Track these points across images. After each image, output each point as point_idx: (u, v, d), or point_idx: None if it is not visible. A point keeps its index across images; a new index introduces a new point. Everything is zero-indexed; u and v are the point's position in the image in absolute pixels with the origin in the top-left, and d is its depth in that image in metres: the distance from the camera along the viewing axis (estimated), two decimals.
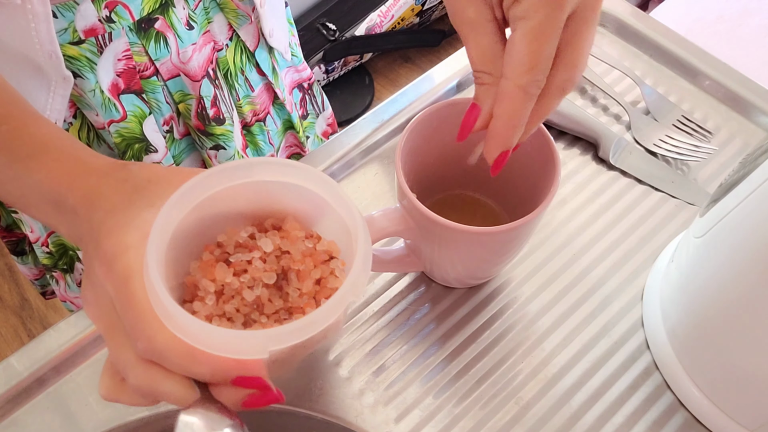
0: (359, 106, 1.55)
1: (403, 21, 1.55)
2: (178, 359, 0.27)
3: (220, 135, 0.55)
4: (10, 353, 0.49)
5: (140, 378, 0.27)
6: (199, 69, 0.52)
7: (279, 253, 0.31)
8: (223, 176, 0.30)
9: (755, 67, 1.00)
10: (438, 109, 0.40)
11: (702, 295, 0.37)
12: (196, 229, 0.30)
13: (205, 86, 0.52)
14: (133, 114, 0.51)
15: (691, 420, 0.40)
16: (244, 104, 0.57)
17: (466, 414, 0.40)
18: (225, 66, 0.55)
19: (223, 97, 0.55)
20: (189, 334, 0.26)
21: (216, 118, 0.54)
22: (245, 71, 0.56)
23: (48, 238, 0.57)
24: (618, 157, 0.50)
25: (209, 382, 0.28)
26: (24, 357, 0.42)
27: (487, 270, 0.44)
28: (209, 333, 0.26)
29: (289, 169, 0.30)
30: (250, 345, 0.26)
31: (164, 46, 0.49)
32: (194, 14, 0.50)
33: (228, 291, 0.29)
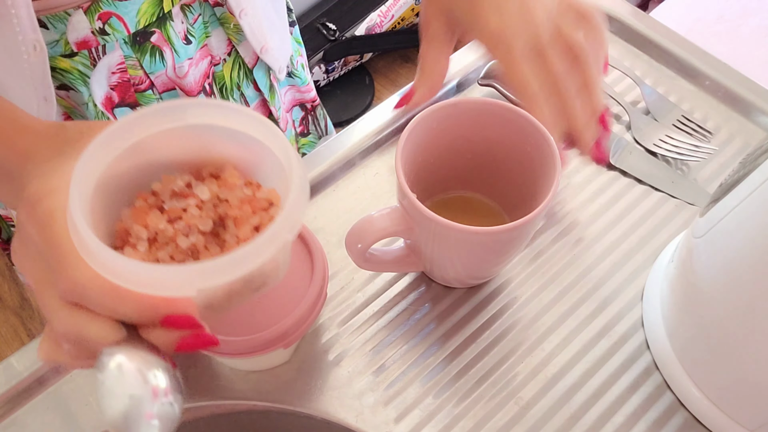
0: (359, 106, 1.55)
1: (403, 21, 1.55)
2: (101, 298, 0.26)
3: None
4: (10, 353, 0.49)
5: (64, 322, 0.26)
6: (196, 84, 0.51)
7: (216, 201, 0.29)
8: (154, 118, 0.28)
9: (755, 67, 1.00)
10: (438, 109, 0.41)
11: (702, 295, 0.37)
12: (130, 178, 0.29)
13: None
14: None
15: (691, 420, 0.40)
16: None
17: (466, 414, 0.40)
18: (221, 80, 0.54)
19: None
20: (111, 271, 0.25)
21: None
22: (241, 87, 0.56)
23: None
24: (618, 157, 0.50)
25: (137, 323, 0.27)
26: (24, 357, 0.42)
27: (487, 270, 0.44)
28: (133, 269, 0.25)
29: (223, 111, 0.29)
30: (177, 281, 0.25)
31: (160, 60, 0.48)
32: (192, 28, 0.50)
33: (161, 238, 0.28)
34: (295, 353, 0.42)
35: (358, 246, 0.39)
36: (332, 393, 0.41)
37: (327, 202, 0.49)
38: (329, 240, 0.47)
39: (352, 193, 0.49)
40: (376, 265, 0.42)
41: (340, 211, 0.48)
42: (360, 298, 0.44)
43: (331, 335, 0.43)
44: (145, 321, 0.27)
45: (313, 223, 0.48)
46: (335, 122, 1.50)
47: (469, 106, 0.41)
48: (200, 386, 0.41)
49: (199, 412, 0.41)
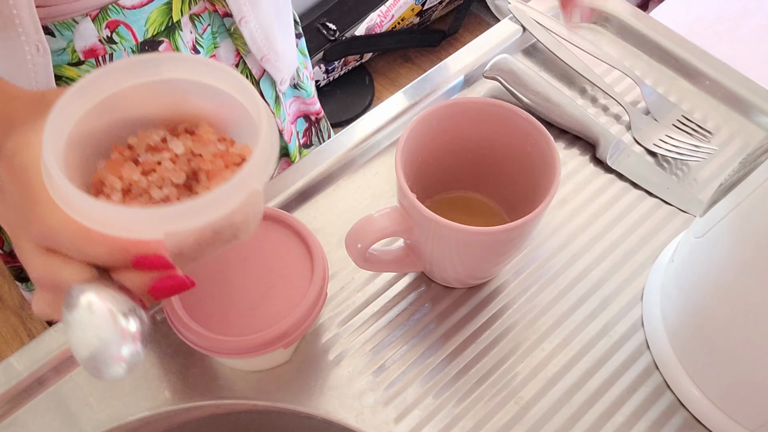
0: (359, 106, 1.55)
1: (403, 21, 1.55)
2: (72, 241, 0.26)
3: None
4: (10, 353, 0.49)
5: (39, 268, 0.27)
6: None
7: (190, 156, 0.30)
8: (129, 72, 0.29)
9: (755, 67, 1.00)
10: (438, 109, 0.41)
11: (702, 295, 0.37)
12: (106, 134, 0.30)
13: None
14: None
15: (691, 420, 0.40)
16: None
17: (466, 414, 0.40)
18: None
19: None
20: (81, 212, 0.25)
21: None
22: None
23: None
24: (615, 160, 0.50)
25: (109, 266, 0.27)
26: (24, 357, 0.42)
27: (487, 270, 0.44)
28: (102, 210, 0.25)
29: (197, 65, 0.29)
30: (145, 223, 0.25)
31: None
32: (201, 38, 0.49)
33: (135, 190, 0.29)
34: (295, 353, 0.42)
35: (358, 246, 0.39)
36: (332, 393, 0.41)
37: (327, 202, 0.49)
38: (329, 240, 0.47)
39: (352, 193, 0.49)
40: (376, 265, 0.42)
41: (340, 211, 0.48)
42: (360, 298, 0.44)
43: (331, 335, 0.43)
44: (116, 263, 0.27)
45: (313, 223, 0.48)
46: (335, 122, 1.51)
47: (469, 106, 0.41)
48: (200, 386, 0.41)
49: (199, 412, 0.41)
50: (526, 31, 0.56)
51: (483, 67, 0.54)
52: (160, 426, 0.41)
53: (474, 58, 0.55)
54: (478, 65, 0.55)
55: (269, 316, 0.38)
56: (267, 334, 0.37)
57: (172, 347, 0.43)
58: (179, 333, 0.38)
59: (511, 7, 0.57)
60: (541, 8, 0.58)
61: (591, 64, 0.55)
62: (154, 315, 0.44)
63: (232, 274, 0.39)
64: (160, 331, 0.43)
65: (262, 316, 0.38)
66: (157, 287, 0.27)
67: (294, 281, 0.39)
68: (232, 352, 0.37)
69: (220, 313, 0.38)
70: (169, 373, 0.42)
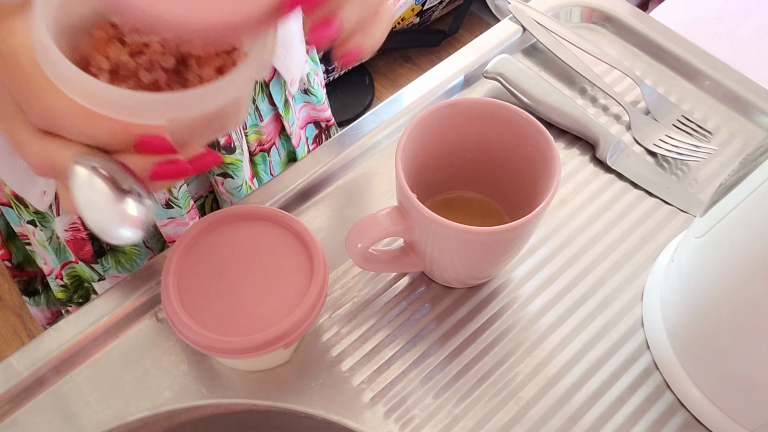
0: (359, 106, 1.55)
1: (403, 21, 1.55)
2: (74, 122, 0.25)
3: (229, 164, 0.53)
4: (10, 353, 0.49)
5: (36, 152, 0.26)
6: None
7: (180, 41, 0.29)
8: None
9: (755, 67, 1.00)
10: (438, 109, 0.41)
11: (702, 295, 0.37)
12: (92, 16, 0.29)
13: None
14: None
15: (691, 420, 0.40)
16: (250, 133, 0.55)
17: (466, 414, 0.40)
18: None
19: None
20: (84, 94, 0.25)
21: (227, 146, 0.52)
22: (256, 100, 0.55)
23: (62, 270, 0.56)
24: (615, 160, 0.50)
25: (111, 148, 0.27)
26: (24, 357, 0.42)
27: (487, 270, 0.44)
28: (105, 92, 0.25)
29: None
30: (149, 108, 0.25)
31: None
32: None
33: (123, 72, 0.28)
34: (295, 353, 0.42)
35: (358, 246, 0.39)
36: (332, 393, 0.41)
37: (327, 202, 0.49)
38: (329, 240, 0.47)
39: (352, 193, 0.49)
40: (376, 265, 0.42)
41: (340, 211, 0.48)
42: (360, 298, 0.44)
43: (331, 335, 0.43)
44: (117, 145, 0.26)
45: (313, 223, 0.48)
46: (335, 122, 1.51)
47: (469, 106, 0.41)
48: (200, 386, 0.41)
49: (199, 412, 0.41)
50: (526, 31, 0.56)
51: (483, 67, 0.54)
52: (160, 426, 0.41)
53: (474, 58, 0.55)
54: (478, 65, 0.55)
55: (269, 316, 0.38)
56: (267, 334, 0.37)
57: (172, 347, 0.43)
58: (179, 333, 0.38)
59: (511, 7, 0.57)
60: (541, 8, 0.58)
61: (591, 64, 0.55)
62: (155, 314, 0.44)
63: (232, 274, 0.39)
64: (160, 331, 0.43)
65: (262, 316, 0.38)
66: (159, 172, 0.27)
67: (294, 281, 0.39)
68: (232, 352, 0.37)
69: (220, 313, 0.38)
70: (169, 373, 0.42)
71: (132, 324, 0.44)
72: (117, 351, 0.43)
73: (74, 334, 0.42)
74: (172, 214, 0.53)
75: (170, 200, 0.52)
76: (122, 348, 0.43)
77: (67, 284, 0.57)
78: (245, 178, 0.55)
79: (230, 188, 0.54)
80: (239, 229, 0.41)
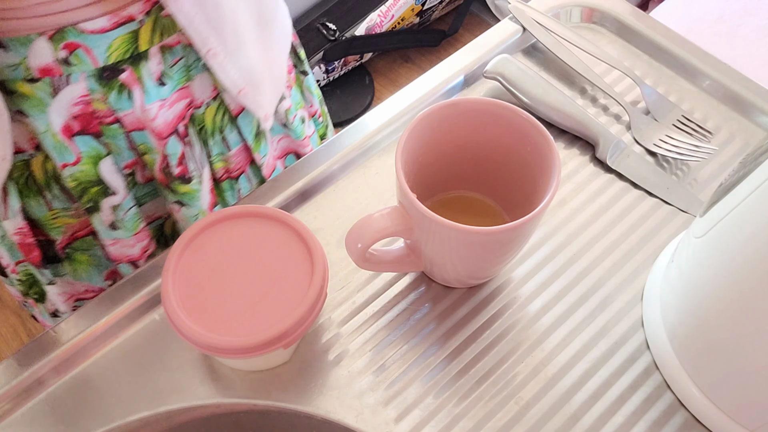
0: (359, 106, 1.55)
1: (403, 21, 1.55)
2: None
3: (184, 193, 0.51)
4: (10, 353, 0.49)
5: None
6: (166, 126, 0.48)
7: None
8: None
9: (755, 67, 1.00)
10: (438, 109, 0.41)
11: (702, 295, 0.37)
12: None
13: (171, 144, 0.48)
14: (88, 155, 0.47)
15: (691, 420, 0.40)
16: (216, 160, 0.54)
17: (466, 414, 0.40)
18: (200, 123, 0.51)
19: (192, 155, 0.51)
20: None
21: (181, 176, 0.50)
22: (224, 131, 0.53)
23: (16, 266, 0.54)
24: (615, 160, 0.50)
25: None
26: (24, 357, 0.42)
27: (487, 270, 0.44)
28: None
29: None
30: None
31: (127, 98, 0.45)
32: (170, 70, 0.47)
33: None
34: (295, 353, 0.42)
35: (358, 246, 0.39)
36: (332, 393, 0.41)
37: (327, 202, 0.49)
38: (329, 240, 0.47)
39: (352, 193, 0.49)
40: (376, 265, 0.42)
41: (340, 211, 0.48)
42: (360, 298, 0.44)
43: (331, 335, 0.43)
44: None
45: (313, 223, 0.48)
46: (335, 122, 1.51)
47: (469, 106, 0.41)
48: (200, 386, 0.41)
49: (199, 412, 0.41)
50: (526, 31, 0.56)
51: (483, 67, 0.54)
52: (160, 426, 0.41)
53: (474, 58, 0.55)
54: (478, 65, 0.55)
55: (269, 316, 0.38)
56: (267, 334, 0.37)
57: (173, 347, 0.43)
58: (179, 333, 0.38)
59: (511, 7, 0.57)
60: (541, 8, 0.58)
61: (591, 64, 0.55)
62: (155, 313, 0.44)
63: (232, 274, 0.39)
64: (160, 330, 0.43)
65: (262, 316, 0.38)
66: None
67: (294, 281, 0.39)
68: (232, 352, 0.37)
69: (220, 313, 0.38)
70: (169, 373, 0.42)
71: (132, 324, 0.44)
72: (117, 351, 0.43)
73: (74, 334, 0.42)
74: (117, 236, 0.52)
75: (115, 222, 0.51)
76: (122, 348, 0.43)
77: (23, 280, 0.56)
78: (202, 207, 0.53)
79: (185, 216, 0.53)
80: (239, 229, 0.41)
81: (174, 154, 0.49)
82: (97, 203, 0.49)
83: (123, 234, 0.52)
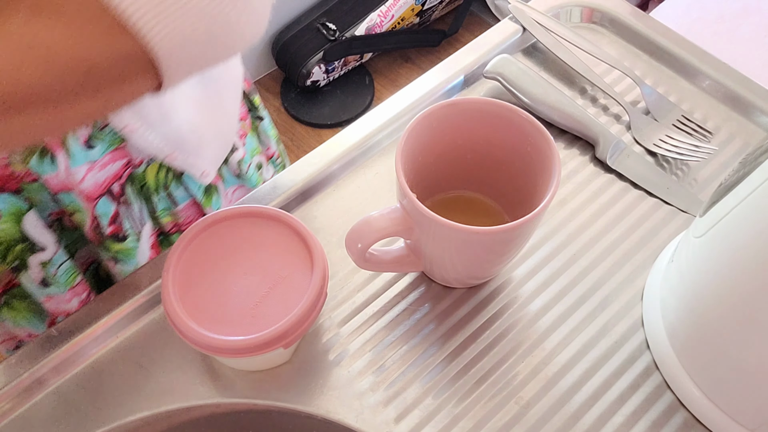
0: (359, 106, 1.55)
1: (403, 21, 1.55)
2: None
3: (118, 251, 0.48)
4: None
5: None
6: (96, 188, 0.45)
7: None
8: None
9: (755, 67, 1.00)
10: (438, 109, 0.41)
11: (702, 295, 0.37)
12: None
13: (102, 205, 0.46)
14: (8, 212, 0.44)
15: (691, 420, 0.40)
16: (162, 215, 0.51)
17: (466, 414, 0.40)
18: (142, 181, 0.48)
19: (129, 213, 0.48)
20: None
21: (114, 235, 0.48)
22: (169, 187, 0.50)
23: None
24: (615, 160, 0.50)
25: None
26: (24, 357, 0.42)
27: (487, 270, 0.44)
28: None
29: None
30: None
31: (50, 162, 0.42)
32: (101, 133, 0.44)
33: None
34: (295, 353, 0.42)
35: (358, 246, 0.39)
36: (332, 393, 0.41)
37: (327, 202, 0.49)
38: (329, 240, 0.47)
39: (352, 193, 0.49)
40: (376, 265, 0.42)
41: (340, 211, 0.48)
42: (360, 298, 0.44)
43: (331, 335, 0.43)
44: None
45: (313, 223, 0.48)
46: (335, 122, 1.51)
47: (469, 106, 0.41)
48: (200, 386, 0.41)
49: (199, 412, 0.41)
50: (526, 31, 0.56)
51: (483, 67, 0.54)
52: (160, 426, 0.41)
53: (474, 58, 0.55)
54: (478, 65, 0.55)
55: (269, 316, 0.38)
56: (267, 334, 0.37)
57: (173, 347, 0.43)
58: (179, 333, 0.38)
59: (511, 7, 0.57)
60: (541, 8, 0.58)
61: (591, 64, 0.55)
62: (153, 314, 0.44)
63: (232, 274, 0.39)
64: (160, 330, 0.43)
65: (262, 316, 0.38)
66: None
67: (294, 281, 0.39)
68: (232, 352, 0.37)
69: (220, 313, 0.38)
70: (168, 373, 0.42)
71: (132, 324, 0.44)
72: (117, 351, 0.43)
73: (74, 334, 0.42)
74: (50, 293, 0.49)
75: (46, 279, 0.48)
76: (122, 348, 0.43)
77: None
78: (139, 264, 0.50)
79: (121, 271, 0.50)
80: (239, 229, 0.41)
81: (105, 214, 0.47)
82: (24, 261, 0.47)
83: (56, 290, 0.49)
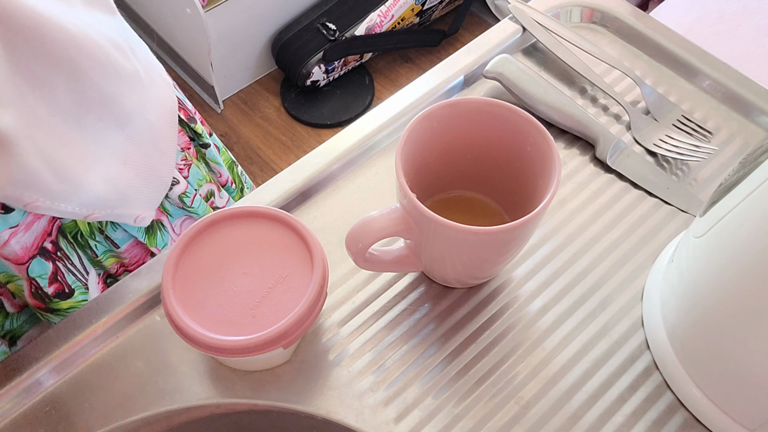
0: (359, 106, 1.55)
1: (403, 21, 1.55)
2: None
3: (69, 308, 0.47)
4: None
5: None
6: (24, 252, 0.43)
7: None
8: None
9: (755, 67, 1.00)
10: (438, 109, 0.41)
11: (702, 295, 0.37)
12: None
13: (35, 266, 0.44)
14: None
15: (691, 420, 0.40)
16: (104, 259, 0.49)
17: (466, 414, 0.40)
18: (73, 230, 0.46)
19: (69, 266, 0.47)
20: None
21: (59, 293, 0.46)
22: (105, 230, 0.48)
23: None
24: (615, 160, 0.50)
25: None
26: (24, 357, 0.42)
27: (487, 270, 0.44)
28: None
29: None
30: None
31: None
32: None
33: None
34: (295, 353, 0.42)
35: (358, 246, 0.39)
36: (332, 393, 0.41)
37: (327, 202, 0.49)
38: (329, 240, 0.47)
39: (352, 193, 0.49)
40: (376, 265, 0.42)
41: (340, 211, 0.48)
42: (360, 298, 0.44)
43: (331, 335, 0.43)
44: None
45: (313, 223, 0.48)
46: (335, 122, 1.51)
47: (469, 106, 0.41)
48: (200, 386, 0.41)
49: (199, 412, 0.41)
50: (526, 31, 0.56)
51: (483, 67, 0.54)
52: (160, 426, 0.41)
53: (474, 58, 0.55)
54: (478, 65, 0.55)
55: (269, 316, 0.38)
56: (267, 334, 0.37)
57: (173, 347, 0.43)
58: (179, 333, 0.38)
59: (511, 7, 0.57)
60: (541, 8, 0.58)
61: (591, 64, 0.55)
62: (155, 313, 0.44)
63: (232, 274, 0.39)
64: (160, 330, 0.43)
65: (262, 316, 0.38)
66: None
67: (294, 281, 0.39)
68: (232, 352, 0.37)
69: (220, 313, 0.38)
70: (169, 373, 0.42)
71: (132, 324, 0.44)
72: (117, 351, 0.43)
73: (74, 334, 0.42)
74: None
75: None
76: (122, 348, 0.43)
77: None
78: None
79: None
80: (239, 228, 0.41)
81: (42, 275, 0.45)
82: None
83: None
